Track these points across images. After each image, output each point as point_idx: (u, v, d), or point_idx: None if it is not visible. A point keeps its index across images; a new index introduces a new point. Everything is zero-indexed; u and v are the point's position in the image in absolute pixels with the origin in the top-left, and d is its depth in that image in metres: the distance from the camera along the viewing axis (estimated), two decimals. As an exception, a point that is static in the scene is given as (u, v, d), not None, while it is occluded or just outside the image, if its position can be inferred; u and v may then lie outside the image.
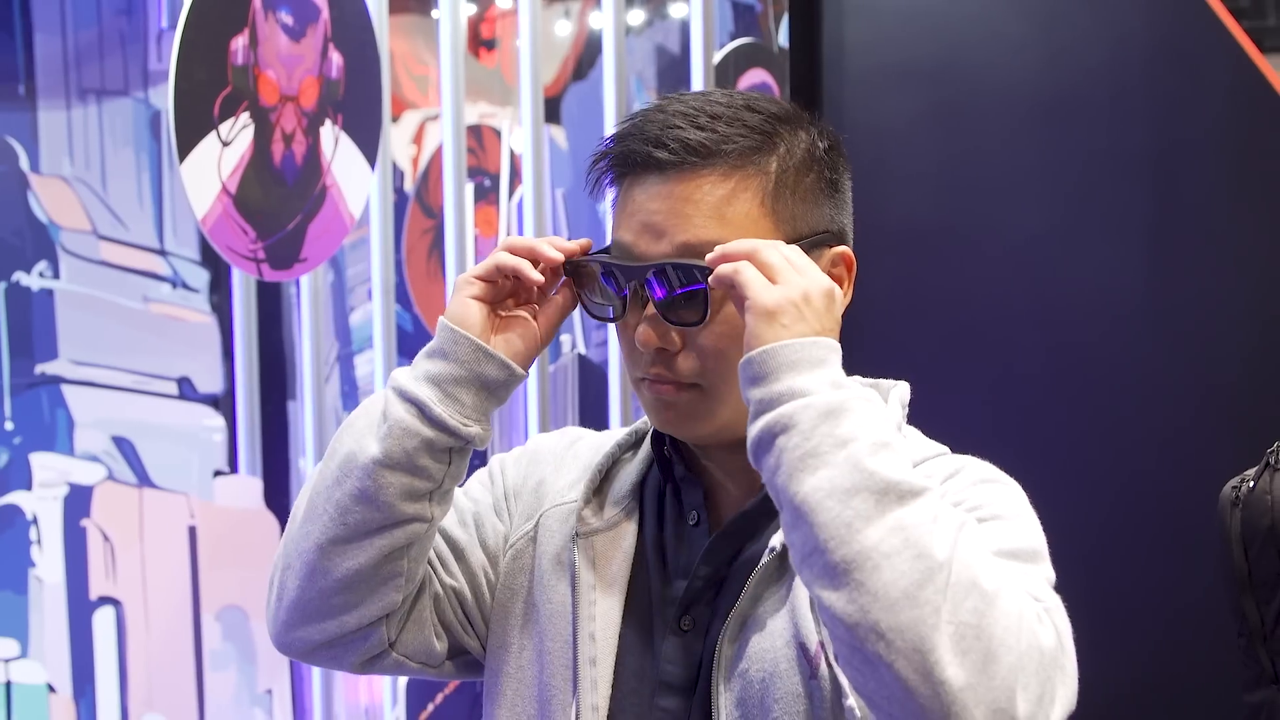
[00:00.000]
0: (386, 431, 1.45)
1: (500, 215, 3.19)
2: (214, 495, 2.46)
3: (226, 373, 2.51)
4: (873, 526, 1.23)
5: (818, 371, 1.31)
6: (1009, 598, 1.25)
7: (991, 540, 1.35)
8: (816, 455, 1.26)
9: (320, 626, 1.54)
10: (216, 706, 2.45)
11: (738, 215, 1.45)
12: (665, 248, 1.44)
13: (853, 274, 1.53)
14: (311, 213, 2.42)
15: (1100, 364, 3.20)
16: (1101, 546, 3.10)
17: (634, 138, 1.47)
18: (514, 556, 1.59)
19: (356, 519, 1.47)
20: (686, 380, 1.45)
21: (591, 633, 1.50)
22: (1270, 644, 1.98)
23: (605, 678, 1.49)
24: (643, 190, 1.46)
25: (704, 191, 1.44)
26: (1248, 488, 2.01)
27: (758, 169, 1.46)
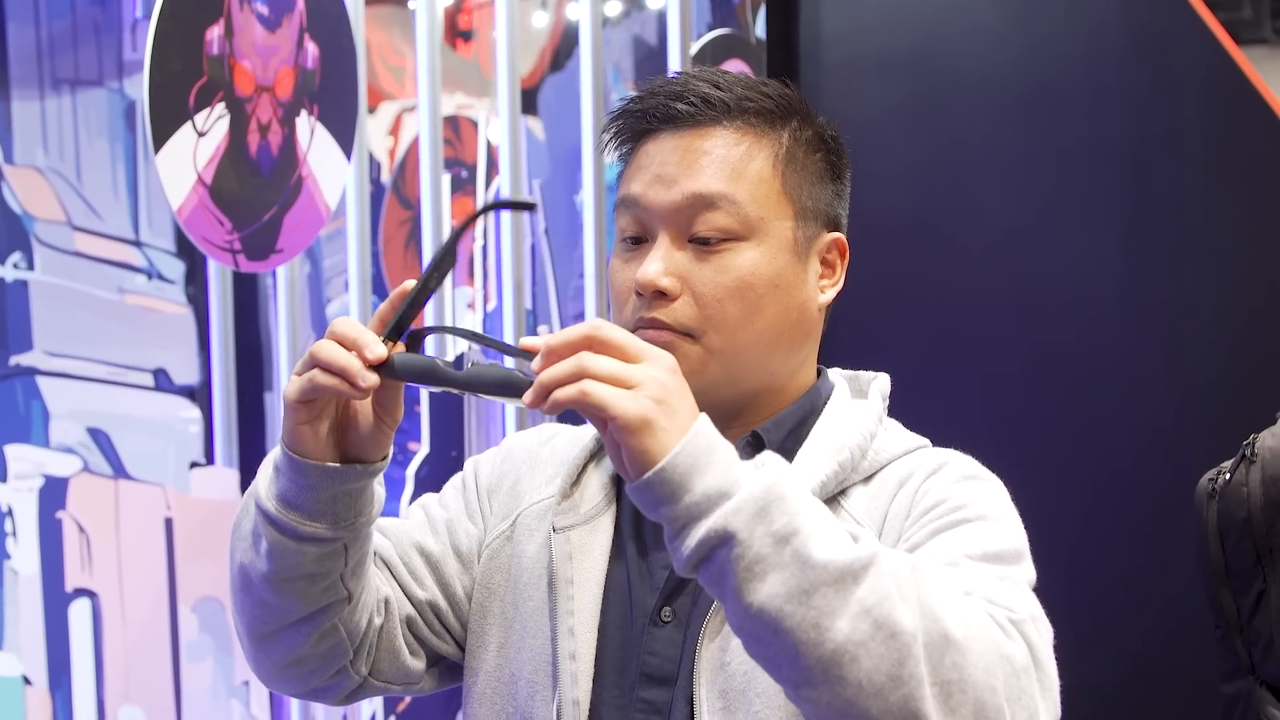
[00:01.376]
0: (268, 550, 1.43)
1: (477, 206, 3.18)
2: (190, 487, 2.46)
3: (203, 364, 2.50)
4: (840, 619, 1.19)
5: (716, 464, 1.22)
6: (976, 633, 1.23)
7: (973, 544, 1.37)
8: (762, 560, 1.20)
9: (286, 687, 1.59)
10: (193, 698, 2.44)
11: (748, 172, 1.48)
12: (675, 196, 1.47)
13: (845, 262, 1.55)
14: (287, 203, 2.41)
15: (1078, 356, 3.21)
16: (1079, 538, 3.11)
17: (654, 95, 1.50)
18: (490, 556, 1.59)
19: (274, 616, 1.48)
20: (681, 327, 1.47)
21: (570, 627, 1.50)
22: (1246, 635, 1.99)
23: (586, 672, 1.49)
24: (657, 144, 1.50)
25: (719, 145, 1.48)
26: (1224, 480, 2.02)
27: (773, 134, 1.51)
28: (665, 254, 1.47)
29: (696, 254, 1.47)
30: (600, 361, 1.23)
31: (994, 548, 1.38)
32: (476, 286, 3.16)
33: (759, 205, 1.48)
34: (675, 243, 1.48)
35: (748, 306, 1.47)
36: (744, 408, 1.52)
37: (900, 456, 1.52)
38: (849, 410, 1.55)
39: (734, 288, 1.46)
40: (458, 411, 2.99)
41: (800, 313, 1.52)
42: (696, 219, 1.47)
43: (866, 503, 1.48)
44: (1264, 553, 1.95)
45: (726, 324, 1.47)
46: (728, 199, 1.47)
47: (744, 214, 1.47)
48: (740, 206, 1.47)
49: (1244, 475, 1.99)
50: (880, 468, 1.51)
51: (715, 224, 1.47)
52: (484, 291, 3.16)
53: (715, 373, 1.47)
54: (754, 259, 1.47)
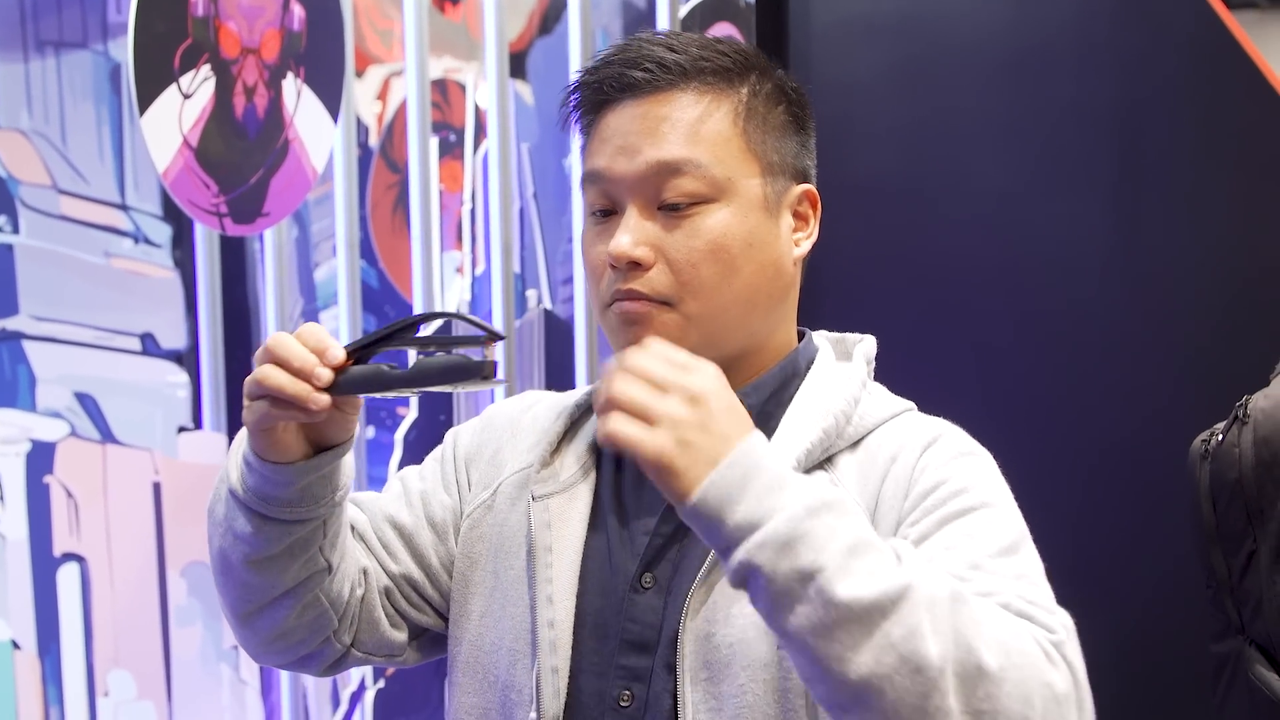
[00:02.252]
0: (246, 535, 1.46)
1: (465, 170, 3.17)
2: (178, 451, 2.45)
3: (190, 328, 2.49)
4: (863, 653, 1.20)
5: (750, 494, 1.23)
6: (1017, 661, 1.23)
7: (988, 538, 1.36)
8: (788, 595, 1.21)
9: (273, 659, 1.62)
10: (182, 662, 2.44)
11: (710, 133, 1.47)
12: (640, 166, 1.46)
13: (818, 213, 1.54)
14: (274, 166, 2.40)
15: (1067, 320, 3.21)
16: (1069, 502, 3.11)
17: (609, 65, 1.50)
18: (472, 526, 1.59)
19: (256, 595, 1.51)
20: (658, 296, 1.46)
21: (549, 595, 1.50)
22: (1237, 595, 2.00)
23: (565, 639, 1.49)
24: (616, 115, 1.49)
25: (678, 109, 1.47)
26: (1216, 441, 2.02)
27: (731, 90, 1.49)
28: (635, 224, 1.46)
29: (666, 221, 1.46)
30: (628, 392, 1.25)
31: (1006, 539, 1.38)
32: (464, 250, 3.15)
33: (724, 165, 1.47)
34: (644, 212, 1.46)
35: (723, 268, 1.47)
36: (728, 369, 1.51)
37: (886, 421, 1.51)
38: (833, 375, 1.54)
39: (708, 250, 1.46)
40: (446, 376, 2.98)
41: (776, 269, 1.51)
42: (663, 186, 1.46)
43: (855, 472, 1.47)
44: (1254, 513, 1.96)
45: (703, 288, 1.46)
46: (692, 163, 1.46)
47: (710, 175, 1.46)
48: (706, 169, 1.46)
49: (1236, 436, 1.99)
50: (866, 433, 1.50)
51: (683, 189, 1.46)
52: (472, 256, 3.15)
53: (695, 338, 1.46)
54: (725, 219, 1.46)
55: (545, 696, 1.48)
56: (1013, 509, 1.44)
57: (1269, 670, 1.94)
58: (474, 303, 3.10)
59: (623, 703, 1.47)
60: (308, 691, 2.70)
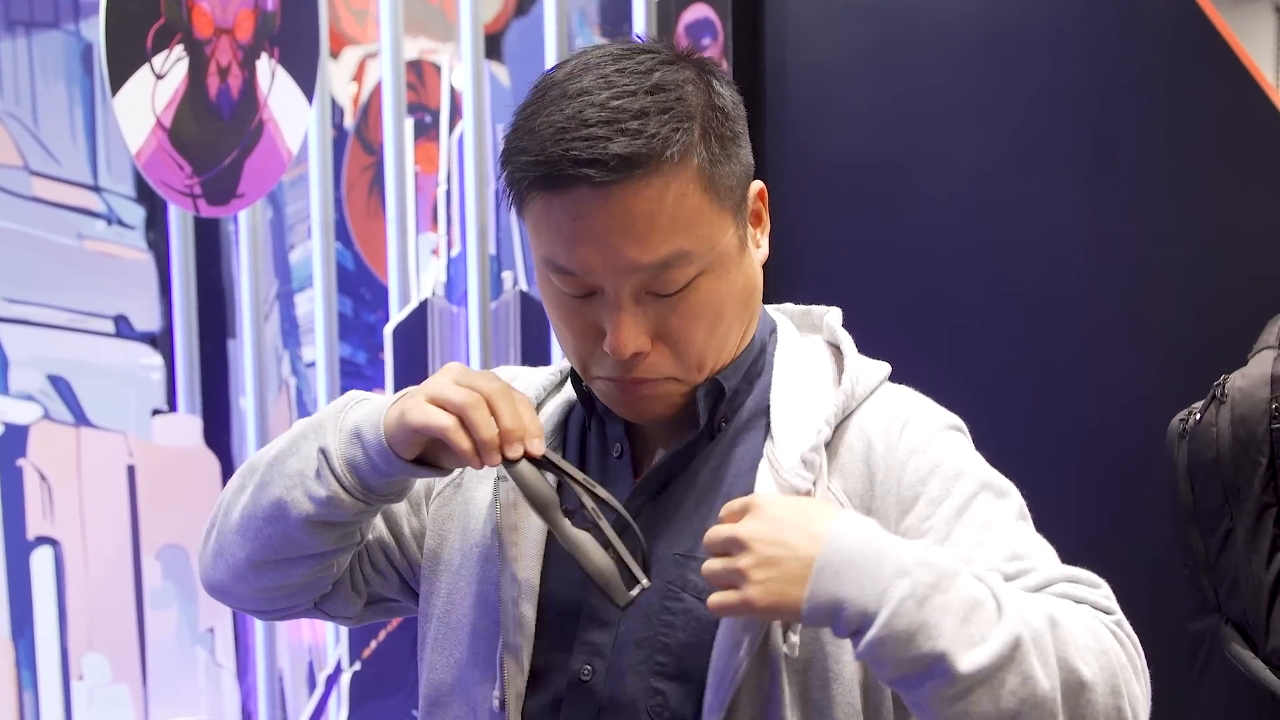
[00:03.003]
0: (321, 499, 1.46)
1: (441, 152, 3.16)
2: (153, 434, 2.44)
3: (164, 311, 2.48)
4: (985, 705, 1.27)
5: (850, 585, 1.28)
6: (1104, 662, 1.32)
7: (1002, 530, 1.41)
8: (913, 675, 1.28)
9: (239, 602, 1.63)
10: (158, 645, 2.43)
11: (687, 215, 1.39)
12: (624, 268, 1.39)
13: (767, 202, 1.51)
14: (248, 147, 2.39)
15: (1045, 300, 3.21)
16: (1047, 482, 3.12)
17: (559, 152, 1.35)
18: (441, 504, 1.60)
19: (292, 549, 1.51)
20: (662, 376, 1.45)
21: (514, 573, 1.50)
22: (1214, 573, 2.00)
23: (530, 616, 1.50)
24: (575, 205, 1.37)
25: (651, 203, 1.37)
26: (1194, 420, 2.02)
27: (688, 152, 1.39)
28: (631, 322, 1.40)
29: (658, 305, 1.41)
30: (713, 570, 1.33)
31: (1013, 509, 1.44)
32: (440, 232, 3.14)
33: (706, 240, 1.40)
34: (635, 302, 1.40)
35: (721, 332, 1.46)
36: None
37: (875, 389, 1.51)
38: (809, 358, 1.54)
39: (708, 326, 1.44)
40: (421, 358, 2.97)
41: (751, 288, 1.49)
42: (653, 281, 1.40)
43: (862, 442, 1.48)
44: (1231, 492, 1.96)
45: (701, 353, 1.45)
46: (681, 255, 1.39)
47: (698, 258, 1.40)
48: (692, 256, 1.39)
49: (1214, 416, 2.00)
50: (865, 398, 1.50)
51: (674, 280, 1.40)
52: (448, 237, 3.14)
53: (690, 385, 1.47)
54: (713, 286, 1.43)
55: (509, 673, 1.48)
56: (997, 476, 1.47)
57: (1244, 648, 1.94)
58: (450, 284, 3.09)
59: (583, 677, 1.48)
60: (284, 674, 2.69)
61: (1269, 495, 1.93)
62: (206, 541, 1.60)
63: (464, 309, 3.05)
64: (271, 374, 2.76)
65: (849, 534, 1.30)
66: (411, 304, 2.94)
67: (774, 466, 1.45)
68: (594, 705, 1.47)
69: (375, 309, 3.04)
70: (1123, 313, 3.10)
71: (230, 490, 1.57)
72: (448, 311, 3.02)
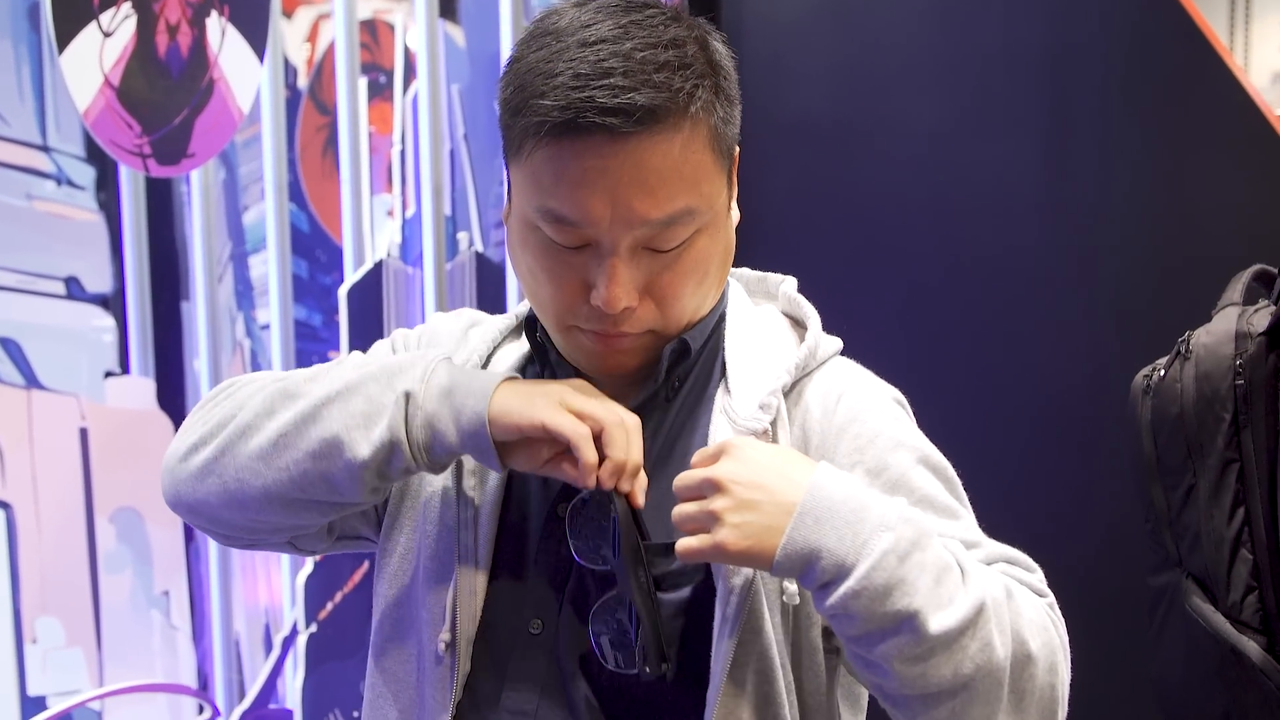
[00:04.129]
0: (386, 446, 1.42)
1: (395, 112, 3.13)
2: (105, 397, 2.42)
3: (116, 272, 2.45)
4: (944, 669, 1.28)
5: (829, 536, 1.28)
6: (1044, 639, 1.34)
7: (942, 503, 1.42)
8: (880, 630, 1.28)
9: (217, 532, 1.56)
10: (112, 608, 2.41)
11: (694, 172, 1.38)
12: (631, 222, 1.37)
13: (736, 166, 1.50)
14: (199, 106, 2.36)
15: (1003, 260, 3.22)
16: (1010, 441, 3.12)
17: (581, 107, 1.33)
18: None
19: (318, 495, 1.46)
20: (643, 329, 1.43)
21: (470, 517, 1.49)
22: (1176, 529, 2.01)
23: (484, 561, 1.49)
24: (587, 154, 1.35)
25: (665, 157, 1.35)
26: (1158, 376, 2.03)
27: (702, 111, 1.38)
28: (627, 276, 1.38)
29: (652, 260, 1.40)
30: (686, 513, 1.32)
31: (952, 487, 1.45)
32: (395, 193, 3.12)
33: (710, 198, 1.40)
34: (631, 259, 1.39)
35: (704, 289, 1.45)
36: None
37: (816, 369, 1.50)
38: (763, 324, 1.53)
39: (691, 278, 1.42)
40: (376, 319, 2.95)
41: (729, 250, 1.48)
42: (655, 237, 1.38)
43: (819, 404, 1.48)
44: (1194, 448, 1.96)
45: (685, 309, 1.44)
46: (688, 212, 1.38)
47: (699, 217, 1.39)
48: (696, 215, 1.39)
49: (1178, 372, 2.00)
50: (821, 364, 1.50)
51: (675, 237, 1.39)
52: (402, 198, 3.12)
53: (666, 340, 1.46)
54: (706, 245, 1.42)
55: (462, 618, 1.47)
56: (931, 447, 1.48)
57: (1205, 602, 1.95)
58: (405, 246, 3.07)
59: (533, 630, 1.47)
60: (240, 637, 2.68)
61: (1232, 451, 1.93)
62: (189, 456, 1.50)
63: (419, 270, 3.03)
64: (225, 336, 2.73)
65: (831, 484, 1.29)
66: (366, 265, 2.91)
67: (730, 418, 1.44)
68: (544, 661, 1.47)
69: (330, 271, 3.02)
70: (1085, 271, 3.11)
71: (250, 410, 1.47)
72: (403, 273, 3.00)
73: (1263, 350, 1.92)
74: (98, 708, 2.41)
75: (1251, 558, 1.92)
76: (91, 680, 2.39)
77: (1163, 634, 2.03)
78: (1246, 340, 1.94)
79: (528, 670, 1.47)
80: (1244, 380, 1.93)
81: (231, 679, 2.66)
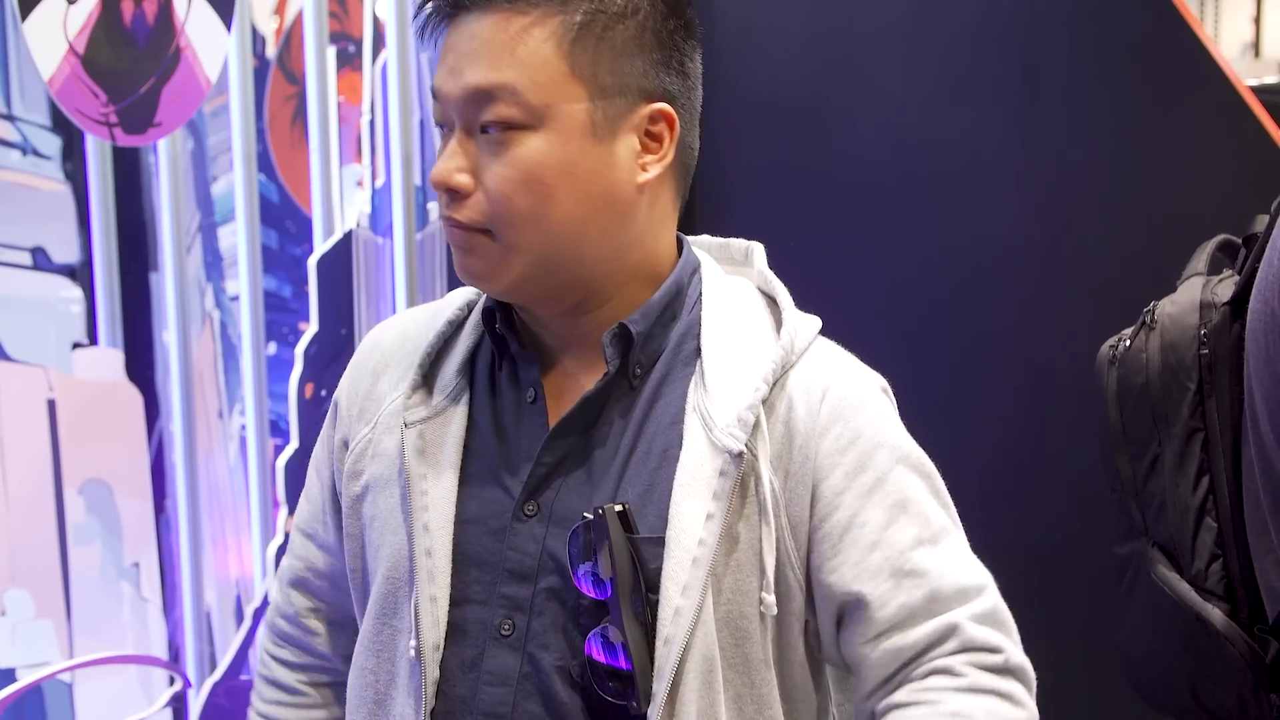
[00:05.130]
0: None
1: (364, 81, 3.12)
2: (73, 368, 2.40)
3: (83, 243, 2.44)
4: None
5: None
6: None
7: (913, 528, 1.44)
8: None
9: None
10: (81, 580, 2.41)
11: (528, 56, 1.40)
12: (460, 89, 1.42)
13: (675, 132, 1.47)
14: (165, 75, 2.34)
15: (973, 228, 3.22)
16: (976, 410, 3.13)
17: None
18: (355, 460, 1.57)
19: None
20: (474, 225, 1.43)
21: (425, 523, 1.48)
22: (1141, 498, 2.01)
23: (443, 568, 1.47)
24: (455, 30, 1.44)
25: (500, 31, 1.41)
26: (1124, 346, 2.03)
27: (563, 9, 1.42)
28: (454, 150, 1.42)
29: (486, 146, 1.42)
30: None
31: (930, 488, 1.48)
32: (365, 163, 3.11)
33: (541, 90, 1.40)
34: (468, 135, 1.42)
35: (538, 199, 1.41)
36: (584, 296, 1.48)
37: (800, 357, 1.50)
38: (741, 302, 1.52)
39: (521, 181, 1.41)
40: (346, 290, 2.94)
41: (608, 198, 1.44)
42: (481, 111, 1.41)
43: (802, 400, 1.47)
44: (1160, 418, 1.97)
45: (518, 219, 1.41)
46: (507, 89, 1.40)
47: (525, 102, 1.40)
48: (520, 95, 1.40)
49: (1144, 342, 2.00)
50: (802, 353, 1.49)
51: (498, 114, 1.40)
52: (372, 168, 3.11)
53: (521, 267, 1.43)
54: (540, 148, 1.41)
55: (424, 626, 1.47)
56: (912, 444, 1.48)
57: (1170, 570, 1.96)
58: (374, 216, 3.06)
59: (504, 631, 1.46)
60: (211, 608, 2.67)
61: (1196, 420, 1.94)
62: None
63: (389, 240, 3.02)
64: (195, 307, 2.72)
65: None
66: (336, 236, 2.90)
67: (706, 422, 1.43)
68: (517, 661, 1.46)
69: (300, 241, 3.01)
70: (1052, 241, 3.11)
71: None
72: (373, 243, 2.99)
73: (1227, 320, 1.92)
74: (68, 679, 2.40)
75: (1216, 526, 1.93)
76: (61, 652, 2.39)
77: (1129, 603, 2.04)
78: (1211, 310, 1.94)
79: (502, 671, 1.47)
80: (1208, 350, 1.93)
81: (202, 650, 2.65)
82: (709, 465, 1.41)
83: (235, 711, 2.65)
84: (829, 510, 1.43)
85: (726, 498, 1.41)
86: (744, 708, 1.44)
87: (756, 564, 1.43)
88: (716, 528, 1.40)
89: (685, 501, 1.41)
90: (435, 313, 1.60)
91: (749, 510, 1.43)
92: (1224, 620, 1.91)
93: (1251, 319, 1.86)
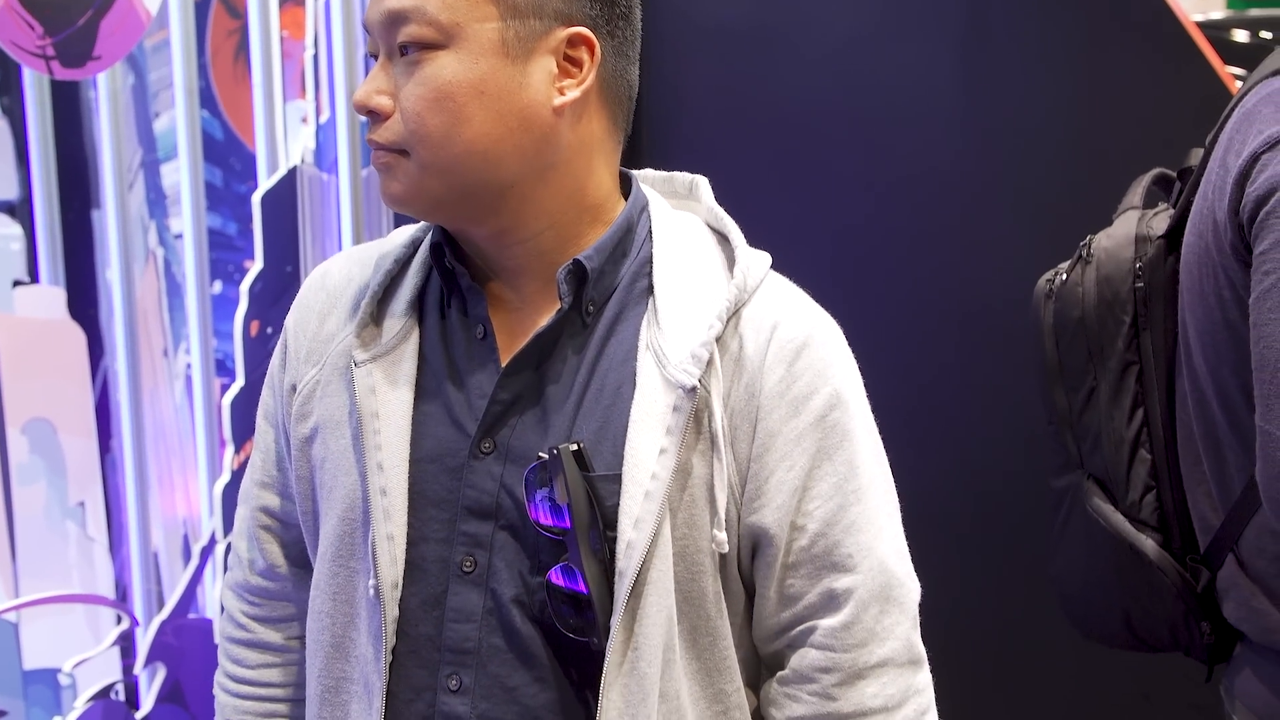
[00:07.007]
0: None
1: (308, 16, 3.09)
2: (14, 306, 2.39)
3: (22, 179, 2.42)
4: None
5: None
6: None
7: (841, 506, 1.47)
8: None
9: None
10: (26, 521, 2.40)
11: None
12: (381, 14, 1.44)
13: (595, 57, 1.47)
14: (103, 8, 2.32)
15: (914, 163, 3.23)
16: (916, 343, 3.15)
17: None
18: (303, 402, 1.57)
19: None
20: (393, 146, 1.44)
21: (379, 462, 1.48)
22: (1077, 431, 2.03)
23: (399, 506, 1.47)
24: None
25: None
26: (1060, 281, 2.04)
27: None
28: (375, 74, 1.44)
29: (405, 68, 1.43)
30: None
31: (868, 450, 1.50)
32: (309, 99, 3.08)
33: (450, 9, 1.41)
34: (389, 59, 1.44)
35: (449, 117, 1.42)
36: (511, 222, 1.48)
37: (752, 295, 1.50)
38: (692, 238, 1.53)
39: (432, 99, 1.42)
40: (291, 227, 2.93)
41: (522, 118, 1.44)
42: (397, 33, 1.42)
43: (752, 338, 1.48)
44: (1095, 351, 1.98)
45: (431, 137, 1.42)
46: (419, 9, 1.41)
47: (435, 21, 1.41)
48: (431, 14, 1.41)
49: (1080, 276, 2.02)
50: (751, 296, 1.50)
51: (410, 35, 1.41)
52: (316, 104, 3.08)
53: (436, 187, 1.44)
54: (450, 66, 1.42)
55: (382, 564, 1.47)
56: (855, 385, 1.50)
57: (1105, 502, 1.98)
58: (319, 152, 3.04)
59: (466, 568, 1.47)
60: (158, 547, 2.67)
61: (1131, 354, 1.96)
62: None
63: (334, 176, 3.00)
64: (138, 244, 2.71)
65: None
66: (280, 172, 2.89)
67: (659, 359, 1.43)
68: (480, 597, 1.47)
69: (244, 178, 2.99)
70: (993, 175, 3.12)
71: None
72: (318, 179, 2.97)
73: (1161, 253, 1.94)
74: (14, 619, 2.40)
75: (1150, 458, 1.95)
76: (7, 592, 2.39)
77: (1064, 535, 2.06)
78: (1146, 244, 1.96)
79: (466, 608, 1.47)
80: (1143, 283, 1.95)
81: (150, 589, 2.65)
82: (663, 401, 1.42)
83: (183, 649, 2.65)
84: (761, 450, 1.45)
85: (680, 432, 1.41)
86: (698, 639, 1.46)
87: (708, 499, 1.44)
88: (670, 462, 1.41)
89: (639, 437, 1.41)
90: (380, 250, 1.60)
91: (702, 446, 1.44)
92: (1157, 550, 1.94)
93: (1186, 252, 1.87)
